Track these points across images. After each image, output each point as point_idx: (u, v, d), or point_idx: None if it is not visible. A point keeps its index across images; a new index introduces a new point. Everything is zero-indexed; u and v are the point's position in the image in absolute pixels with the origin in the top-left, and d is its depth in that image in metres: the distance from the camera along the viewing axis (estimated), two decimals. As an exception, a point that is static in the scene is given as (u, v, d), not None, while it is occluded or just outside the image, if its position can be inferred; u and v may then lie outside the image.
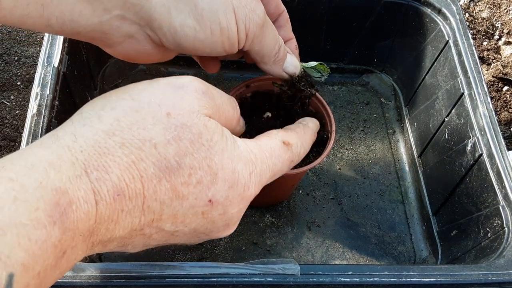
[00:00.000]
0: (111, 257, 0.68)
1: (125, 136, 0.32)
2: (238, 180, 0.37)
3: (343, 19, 0.85)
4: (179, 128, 0.34)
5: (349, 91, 0.92)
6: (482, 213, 0.64)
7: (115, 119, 0.32)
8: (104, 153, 0.31)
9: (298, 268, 0.51)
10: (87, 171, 0.30)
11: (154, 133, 0.33)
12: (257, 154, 0.39)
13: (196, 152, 0.34)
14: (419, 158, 0.82)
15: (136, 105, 0.33)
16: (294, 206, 0.77)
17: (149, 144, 0.32)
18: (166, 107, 0.34)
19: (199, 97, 0.36)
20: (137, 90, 0.35)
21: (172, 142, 0.33)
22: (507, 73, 1.03)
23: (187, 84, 0.36)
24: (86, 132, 0.32)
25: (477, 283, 0.53)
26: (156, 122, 0.33)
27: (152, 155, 0.32)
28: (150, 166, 0.32)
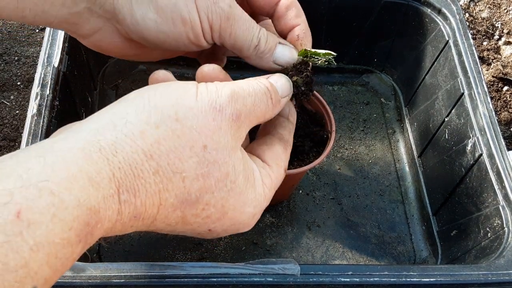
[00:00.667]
0: (111, 257, 0.68)
1: (161, 163, 0.32)
2: (242, 220, 0.38)
3: (343, 19, 0.85)
4: (210, 165, 0.34)
5: (349, 91, 0.92)
6: (482, 213, 0.64)
7: (156, 140, 0.32)
8: (138, 175, 0.31)
9: (298, 268, 0.51)
10: (119, 190, 0.30)
11: (187, 166, 0.33)
12: (267, 195, 0.41)
13: (217, 191, 0.35)
14: (419, 158, 0.82)
15: (179, 128, 0.33)
16: (294, 206, 0.77)
17: (179, 177, 0.33)
18: (204, 137, 0.34)
19: (234, 125, 0.36)
20: (183, 108, 0.34)
21: (200, 178, 0.34)
22: (507, 73, 1.03)
23: (225, 106, 0.36)
24: (127, 147, 0.31)
25: (477, 283, 0.53)
26: (192, 155, 0.33)
27: (177, 188, 0.33)
28: (172, 197, 0.33)
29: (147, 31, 0.42)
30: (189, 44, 0.43)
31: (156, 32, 0.42)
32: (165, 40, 0.43)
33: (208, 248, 0.71)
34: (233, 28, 0.43)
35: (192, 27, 0.41)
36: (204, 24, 0.42)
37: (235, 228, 0.39)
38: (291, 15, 0.49)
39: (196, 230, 0.37)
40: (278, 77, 0.43)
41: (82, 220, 0.28)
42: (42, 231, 0.26)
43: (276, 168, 0.42)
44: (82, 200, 0.28)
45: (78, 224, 0.28)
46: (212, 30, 0.42)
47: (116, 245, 0.69)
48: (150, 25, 0.41)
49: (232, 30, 0.43)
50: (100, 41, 0.45)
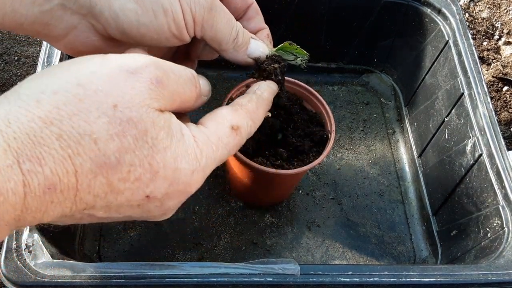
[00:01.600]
0: (111, 257, 0.68)
1: (64, 127, 0.30)
2: (179, 178, 0.35)
3: (343, 19, 0.85)
4: (124, 123, 0.32)
5: (349, 91, 0.92)
6: (482, 213, 0.64)
7: (55, 106, 0.30)
8: (39, 143, 0.29)
9: (298, 268, 0.51)
10: (19, 160, 0.28)
11: (96, 127, 0.31)
12: (203, 149, 0.37)
13: (139, 149, 0.32)
14: (419, 158, 0.82)
15: (82, 92, 0.31)
16: (294, 206, 0.77)
17: (88, 139, 0.30)
18: (114, 98, 0.32)
19: (152, 87, 0.34)
20: (85, 73, 0.32)
21: (114, 137, 0.31)
22: (507, 73, 1.03)
23: (141, 70, 0.34)
24: (22, 117, 0.29)
25: (477, 283, 0.53)
26: (101, 115, 0.31)
27: (90, 150, 0.31)
28: (87, 162, 0.31)
29: (127, 24, 0.40)
30: (171, 37, 0.42)
31: (137, 24, 0.40)
32: (146, 34, 0.41)
33: (208, 248, 0.71)
34: (215, 20, 0.42)
35: (174, 19, 0.40)
36: (186, 16, 0.41)
37: (176, 190, 0.36)
38: (260, 19, 0.51)
39: (132, 200, 0.34)
40: (200, 76, 0.43)
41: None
42: None
43: (213, 125, 0.39)
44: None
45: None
46: (195, 23, 0.41)
47: (116, 245, 0.69)
48: (130, 17, 0.40)
49: (214, 22, 0.42)
50: (75, 41, 0.43)
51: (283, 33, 0.87)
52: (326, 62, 0.92)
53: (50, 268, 0.48)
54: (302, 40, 0.88)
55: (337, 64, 0.92)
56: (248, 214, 0.75)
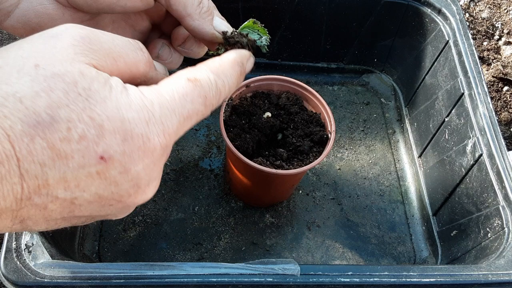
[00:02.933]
0: (111, 257, 0.68)
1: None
2: (132, 130, 0.31)
3: (343, 19, 0.85)
4: (49, 78, 0.30)
5: (349, 91, 0.92)
6: (482, 213, 0.64)
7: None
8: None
9: (298, 268, 0.51)
10: None
11: (19, 86, 0.29)
12: (153, 100, 0.33)
13: (72, 103, 0.30)
14: (419, 158, 0.82)
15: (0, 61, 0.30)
16: (294, 206, 0.77)
17: (13, 99, 0.28)
18: (34, 59, 0.30)
19: (76, 43, 0.31)
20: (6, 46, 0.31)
21: (41, 93, 0.29)
22: (507, 73, 1.03)
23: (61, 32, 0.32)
24: None
25: (477, 283, 0.53)
26: (22, 75, 0.29)
27: (17, 110, 0.28)
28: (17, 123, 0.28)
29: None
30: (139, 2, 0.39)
31: None
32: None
33: (208, 248, 0.71)
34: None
35: None
36: None
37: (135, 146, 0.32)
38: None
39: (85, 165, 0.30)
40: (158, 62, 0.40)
41: None
42: None
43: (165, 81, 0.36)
44: None
45: None
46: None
47: (116, 245, 0.69)
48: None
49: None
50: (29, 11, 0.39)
51: (283, 33, 0.87)
52: (326, 62, 0.92)
53: (50, 268, 0.48)
54: (302, 40, 0.89)
55: (337, 64, 0.92)
56: (248, 214, 0.75)
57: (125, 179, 0.32)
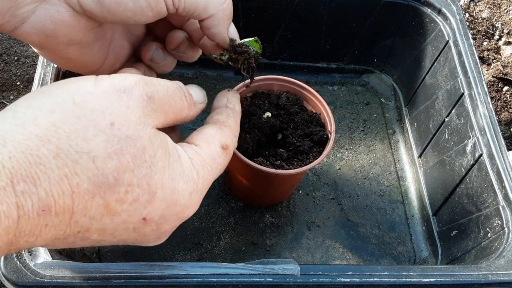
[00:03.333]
0: (111, 257, 0.68)
1: (62, 145, 0.29)
2: (177, 200, 0.34)
3: (343, 19, 0.85)
4: (122, 141, 0.31)
5: (349, 91, 0.92)
6: (482, 213, 0.64)
7: (52, 124, 0.29)
8: (35, 162, 0.28)
9: (298, 269, 0.51)
10: (13, 181, 0.27)
11: (95, 144, 0.30)
12: (199, 171, 0.37)
13: (137, 168, 0.32)
14: (419, 158, 0.82)
15: (78, 110, 0.30)
16: (294, 206, 0.77)
17: (86, 157, 0.30)
18: (110, 116, 0.31)
19: (144, 104, 0.33)
20: (80, 92, 0.32)
21: (113, 156, 0.31)
22: (507, 73, 1.03)
23: (131, 88, 0.33)
24: (18, 136, 0.28)
25: (477, 283, 0.53)
26: (98, 132, 0.30)
27: (88, 169, 0.30)
28: (85, 181, 0.30)
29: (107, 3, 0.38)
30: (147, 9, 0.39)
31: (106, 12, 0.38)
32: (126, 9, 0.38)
33: (208, 248, 0.71)
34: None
35: None
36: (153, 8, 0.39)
37: (174, 212, 0.35)
38: None
39: (128, 222, 0.32)
40: (191, 86, 0.42)
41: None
42: None
43: (205, 145, 0.39)
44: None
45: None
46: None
47: (116, 245, 0.69)
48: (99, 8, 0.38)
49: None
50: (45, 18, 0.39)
51: (283, 33, 0.87)
52: (326, 62, 0.92)
53: (50, 269, 0.48)
54: (302, 40, 0.89)
55: (337, 64, 0.92)
56: (248, 214, 0.75)
57: (153, 234, 0.35)
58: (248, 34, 0.50)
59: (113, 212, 0.31)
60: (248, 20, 0.83)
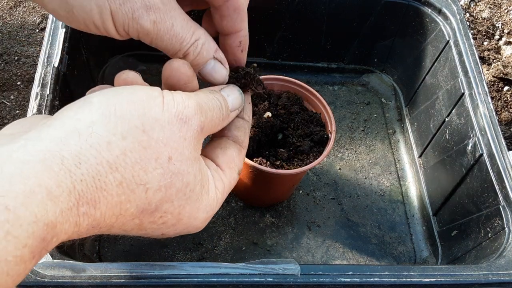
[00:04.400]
0: (111, 257, 0.68)
1: (126, 175, 0.32)
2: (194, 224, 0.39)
3: (343, 19, 0.85)
4: (174, 176, 0.34)
5: (350, 91, 0.92)
6: (483, 213, 0.64)
7: (122, 152, 0.32)
8: (101, 188, 0.30)
9: (298, 268, 0.51)
10: (79, 203, 0.29)
11: (152, 177, 0.33)
12: (219, 199, 0.41)
13: (176, 200, 0.35)
14: (420, 158, 0.82)
15: (146, 140, 0.33)
16: (294, 206, 0.77)
17: (142, 188, 0.33)
18: (170, 149, 0.34)
19: (196, 135, 0.37)
20: (150, 119, 0.34)
21: (162, 189, 0.34)
22: (508, 73, 1.03)
23: (191, 118, 0.36)
24: (91, 158, 0.30)
25: (478, 283, 0.53)
26: (158, 166, 0.33)
27: (139, 199, 0.33)
28: (133, 207, 0.33)
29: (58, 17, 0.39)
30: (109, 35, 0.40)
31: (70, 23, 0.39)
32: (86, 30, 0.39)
33: (208, 248, 0.70)
34: (153, 41, 0.40)
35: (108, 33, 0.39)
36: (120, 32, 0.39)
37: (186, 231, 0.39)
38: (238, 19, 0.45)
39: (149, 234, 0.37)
40: (231, 90, 0.43)
41: (37, 236, 0.27)
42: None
43: (229, 172, 0.42)
44: (39, 216, 0.27)
45: (34, 241, 0.27)
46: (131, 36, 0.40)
47: (116, 245, 0.69)
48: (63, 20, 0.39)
49: (152, 42, 0.40)
50: None
51: (283, 33, 0.87)
52: (326, 62, 0.92)
53: (50, 268, 0.48)
54: (302, 40, 0.89)
55: (337, 64, 0.92)
56: (248, 214, 0.75)
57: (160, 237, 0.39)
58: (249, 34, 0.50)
59: (142, 228, 0.35)
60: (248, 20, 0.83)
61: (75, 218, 0.29)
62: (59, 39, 0.66)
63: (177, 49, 0.41)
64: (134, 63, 0.87)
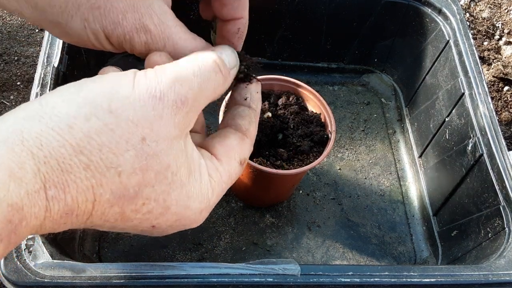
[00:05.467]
0: (111, 257, 0.68)
1: (93, 158, 0.30)
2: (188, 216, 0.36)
3: (343, 19, 0.85)
4: (150, 157, 0.32)
5: (350, 91, 0.92)
6: (483, 214, 0.64)
7: (86, 135, 0.30)
8: (66, 170, 0.29)
9: (298, 269, 0.51)
10: (45, 186, 0.29)
11: (123, 160, 0.31)
12: (215, 189, 0.38)
13: (157, 184, 0.33)
14: (420, 158, 0.82)
15: (113, 122, 0.31)
16: (294, 206, 0.76)
17: (114, 172, 0.31)
18: (142, 129, 0.32)
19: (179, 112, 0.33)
20: (118, 97, 0.32)
21: (138, 172, 0.32)
22: (508, 73, 1.03)
23: (166, 93, 0.33)
24: (53, 141, 0.29)
25: (478, 283, 0.53)
26: (129, 148, 0.31)
27: (113, 183, 0.31)
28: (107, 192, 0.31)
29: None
30: None
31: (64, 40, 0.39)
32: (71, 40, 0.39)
33: (208, 249, 0.70)
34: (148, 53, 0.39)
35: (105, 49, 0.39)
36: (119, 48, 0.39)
37: (181, 224, 0.37)
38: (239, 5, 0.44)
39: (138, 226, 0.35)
40: (222, 48, 0.40)
41: (2, 217, 0.26)
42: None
43: (226, 161, 0.39)
44: (1, 196, 0.26)
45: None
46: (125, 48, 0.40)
47: (116, 245, 0.69)
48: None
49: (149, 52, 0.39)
50: None
51: (283, 33, 0.87)
52: (326, 62, 0.92)
53: (50, 269, 0.48)
54: (302, 40, 0.89)
55: (337, 64, 0.92)
56: (248, 215, 0.74)
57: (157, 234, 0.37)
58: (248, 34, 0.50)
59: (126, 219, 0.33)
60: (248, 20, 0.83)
61: (43, 201, 0.28)
62: (59, 39, 0.66)
63: None
64: (134, 63, 0.86)
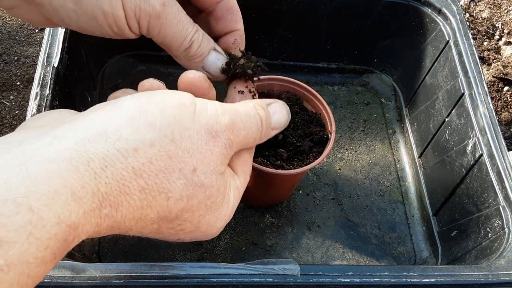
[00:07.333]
0: (111, 257, 0.68)
1: (149, 182, 0.32)
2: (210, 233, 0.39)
3: (343, 19, 0.85)
4: (197, 187, 0.35)
5: (349, 91, 0.92)
6: (483, 214, 0.64)
7: (148, 159, 0.32)
8: (124, 192, 0.31)
9: (298, 269, 0.51)
10: (101, 205, 0.30)
11: (174, 187, 0.33)
12: (235, 206, 0.41)
13: (197, 210, 0.36)
14: (420, 159, 0.82)
15: (173, 150, 0.33)
16: (294, 206, 0.76)
17: (164, 196, 0.33)
18: (195, 160, 0.34)
19: (224, 152, 0.37)
20: (179, 128, 0.34)
21: (184, 199, 0.34)
22: (508, 73, 1.03)
23: (220, 134, 0.36)
24: (117, 163, 0.31)
25: (478, 283, 0.53)
26: (181, 176, 0.34)
27: (160, 206, 0.33)
28: (153, 213, 0.33)
29: (68, 19, 0.39)
30: (114, 34, 0.41)
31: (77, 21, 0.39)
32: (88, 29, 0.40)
33: (208, 249, 0.70)
34: (162, 27, 0.40)
35: (116, 22, 0.39)
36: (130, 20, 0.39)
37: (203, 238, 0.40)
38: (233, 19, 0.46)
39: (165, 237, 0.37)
40: (280, 107, 0.44)
41: (60, 237, 0.27)
42: (16, 251, 0.25)
43: (243, 176, 0.43)
44: (62, 217, 0.27)
45: (56, 242, 0.27)
46: (141, 26, 0.40)
47: (116, 245, 0.69)
48: (70, 15, 0.39)
49: (161, 29, 0.41)
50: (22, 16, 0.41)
51: (283, 33, 0.87)
52: (326, 62, 0.92)
53: (49, 269, 0.48)
54: (302, 40, 0.89)
55: (337, 64, 0.92)
56: (248, 215, 0.74)
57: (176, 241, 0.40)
58: (248, 34, 0.50)
59: (159, 233, 0.36)
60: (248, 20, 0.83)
61: (96, 219, 0.30)
62: (58, 39, 0.66)
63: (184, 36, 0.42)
64: (134, 63, 0.87)
